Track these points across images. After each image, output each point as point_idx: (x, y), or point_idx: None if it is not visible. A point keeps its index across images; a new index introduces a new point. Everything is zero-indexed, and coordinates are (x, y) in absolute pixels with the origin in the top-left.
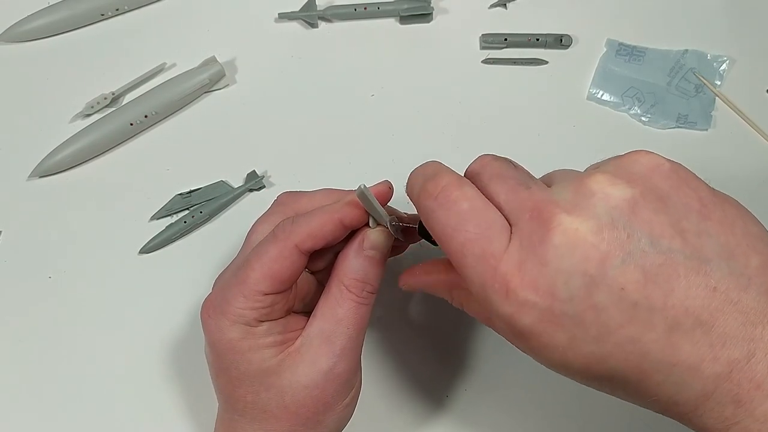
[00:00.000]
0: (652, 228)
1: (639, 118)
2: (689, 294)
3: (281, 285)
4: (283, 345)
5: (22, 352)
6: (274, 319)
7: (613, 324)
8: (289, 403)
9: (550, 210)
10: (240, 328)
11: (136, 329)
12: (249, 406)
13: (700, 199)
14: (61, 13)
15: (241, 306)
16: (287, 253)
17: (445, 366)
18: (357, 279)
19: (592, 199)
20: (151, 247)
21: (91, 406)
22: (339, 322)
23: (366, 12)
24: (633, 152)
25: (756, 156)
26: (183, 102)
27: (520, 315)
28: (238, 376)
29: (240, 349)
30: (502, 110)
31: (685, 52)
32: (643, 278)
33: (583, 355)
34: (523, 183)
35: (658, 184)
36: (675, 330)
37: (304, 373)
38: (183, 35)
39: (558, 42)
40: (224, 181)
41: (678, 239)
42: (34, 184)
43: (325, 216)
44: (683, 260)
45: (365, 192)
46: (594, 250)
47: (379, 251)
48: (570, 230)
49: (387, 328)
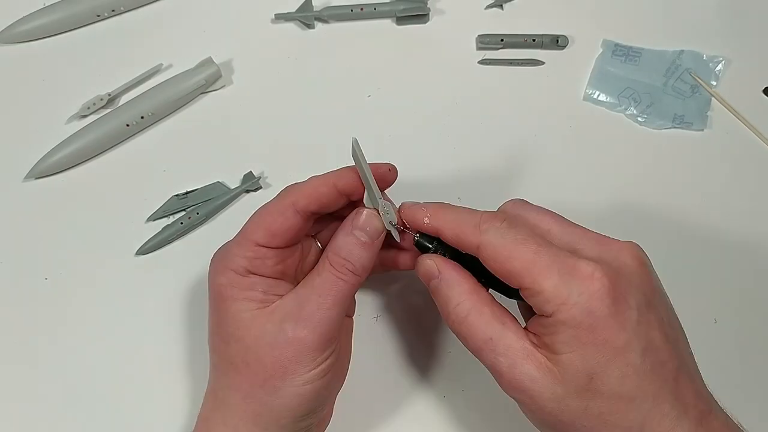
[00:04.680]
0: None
1: (635, 119)
2: (685, 347)
3: (273, 238)
4: (262, 303)
5: (19, 354)
6: (262, 275)
7: (656, 343)
8: (251, 359)
9: (617, 240)
10: (229, 275)
11: (133, 330)
12: (222, 358)
13: (667, 305)
14: (57, 14)
15: (234, 252)
16: (282, 209)
17: (442, 366)
18: (339, 255)
19: (640, 249)
20: (147, 248)
21: (87, 407)
22: (313, 288)
23: (362, 13)
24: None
25: (752, 156)
26: (179, 103)
27: (600, 302)
28: (217, 322)
29: (224, 296)
30: (498, 111)
31: (681, 52)
32: (668, 320)
33: (626, 363)
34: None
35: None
36: (680, 370)
37: (269, 331)
38: (179, 36)
39: (554, 42)
40: (221, 182)
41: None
42: (30, 186)
43: (320, 179)
44: (678, 323)
45: (355, 146)
46: (650, 280)
47: (364, 233)
48: (638, 257)
49: (384, 327)
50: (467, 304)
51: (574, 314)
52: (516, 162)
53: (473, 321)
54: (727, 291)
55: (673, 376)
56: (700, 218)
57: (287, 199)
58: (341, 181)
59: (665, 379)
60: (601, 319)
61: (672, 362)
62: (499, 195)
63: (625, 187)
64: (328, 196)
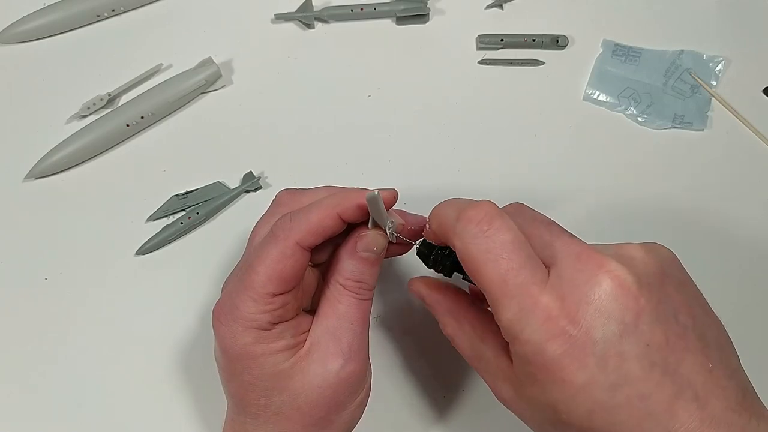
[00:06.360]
0: (675, 302)
1: (635, 119)
2: (693, 369)
3: (288, 284)
4: (294, 348)
5: (18, 354)
6: (286, 320)
7: (631, 376)
8: (303, 404)
9: (599, 256)
10: (253, 333)
11: (133, 331)
12: (261, 409)
13: (698, 297)
14: (57, 14)
15: (252, 311)
16: (289, 252)
17: (442, 367)
18: (352, 279)
19: (633, 261)
20: (147, 248)
21: (88, 408)
22: (342, 317)
23: (362, 13)
24: (652, 243)
25: (752, 156)
26: (179, 103)
27: (553, 343)
28: (250, 381)
29: (253, 354)
30: (498, 111)
31: (681, 52)
32: (665, 342)
33: (592, 400)
34: (566, 230)
35: (674, 271)
36: (678, 397)
37: (316, 374)
38: (179, 36)
39: (554, 42)
40: (221, 182)
41: (691, 319)
42: (30, 186)
43: (323, 211)
44: (693, 338)
45: (378, 199)
46: (634, 302)
47: (374, 253)
48: (619, 277)
49: (385, 328)
50: (451, 324)
51: (527, 351)
52: (516, 162)
53: (458, 340)
54: (727, 291)
55: (664, 407)
56: (699, 218)
57: (290, 239)
58: (347, 214)
59: (649, 413)
60: (555, 359)
61: (662, 392)
62: (499, 195)
63: (624, 187)
64: (334, 228)
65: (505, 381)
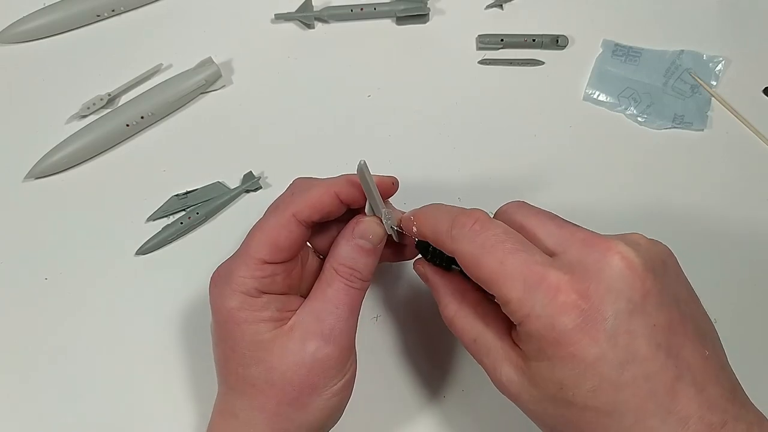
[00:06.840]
0: (677, 289)
1: (635, 119)
2: (693, 354)
3: (280, 253)
4: (278, 321)
5: (18, 354)
6: (274, 293)
7: (639, 354)
8: (277, 380)
9: (607, 239)
10: (240, 297)
11: (133, 330)
12: (240, 380)
13: (693, 294)
14: (57, 14)
15: (243, 274)
16: (285, 222)
17: (441, 366)
18: (345, 264)
19: (639, 246)
20: (147, 248)
21: (88, 407)
22: (328, 301)
23: (362, 13)
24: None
25: (751, 156)
26: (179, 103)
27: (565, 317)
28: (232, 347)
29: (237, 319)
30: (498, 111)
31: (680, 52)
32: (668, 326)
33: (600, 377)
34: (569, 221)
35: (673, 265)
36: (679, 380)
37: (293, 351)
38: (179, 36)
39: (554, 42)
40: (221, 182)
41: (691, 306)
42: (30, 186)
43: (322, 188)
44: (692, 326)
45: (363, 168)
46: (641, 283)
47: (368, 241)
48: (627, 258)
49: (384, 328)
50: (453, 305)
51: (538, 328)
52: (516, 162)
53: (458, 322)
54: (727, 291)
55: (666, 388)
56: (699, 218)
57: (288, 210)
58: (344, 191)
59: (653, 392)
60: (566, 333)
61: (666, 373)
62: (499, 195)
63: (624, 187)
64: (330, 206)
65: (505, 361)
